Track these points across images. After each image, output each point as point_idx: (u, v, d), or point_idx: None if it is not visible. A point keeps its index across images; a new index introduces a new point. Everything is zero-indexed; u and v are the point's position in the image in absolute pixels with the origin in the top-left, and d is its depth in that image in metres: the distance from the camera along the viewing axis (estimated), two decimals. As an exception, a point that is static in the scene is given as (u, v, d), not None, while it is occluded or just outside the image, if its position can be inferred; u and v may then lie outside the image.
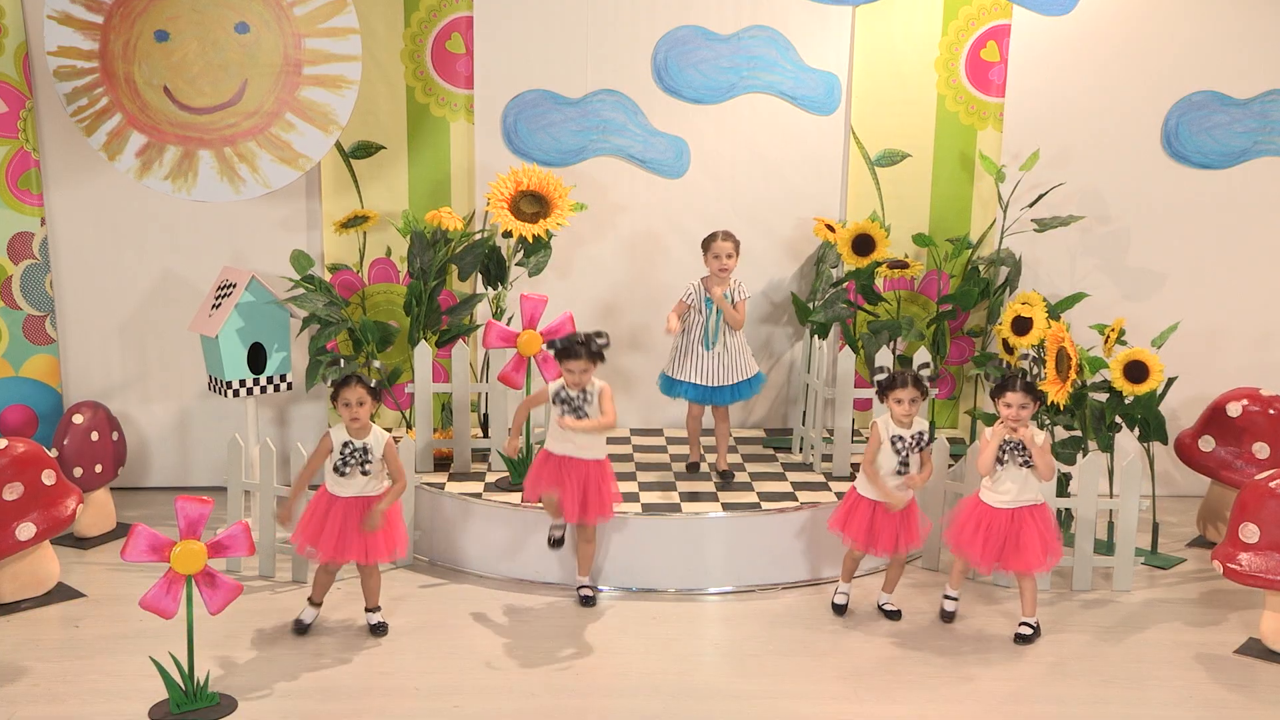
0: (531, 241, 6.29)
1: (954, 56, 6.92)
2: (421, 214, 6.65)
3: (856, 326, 6.88)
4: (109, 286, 6.82)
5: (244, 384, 6.19)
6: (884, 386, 5.37)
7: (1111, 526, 6.07)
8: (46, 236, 6.70)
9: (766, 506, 5.86)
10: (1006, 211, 6.70)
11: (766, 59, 6.81)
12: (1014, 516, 5.20)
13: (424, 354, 6.23)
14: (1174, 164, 6.85)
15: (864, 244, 6.56)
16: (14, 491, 5.40)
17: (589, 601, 5.54)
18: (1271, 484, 5.20)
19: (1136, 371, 5.85)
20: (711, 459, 6.37)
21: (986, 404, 6.90)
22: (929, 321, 6.90)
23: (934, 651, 5.16)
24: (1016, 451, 5.20)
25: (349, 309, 6.77)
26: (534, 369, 6.04)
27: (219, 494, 5.89)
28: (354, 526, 5.10)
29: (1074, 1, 6.69)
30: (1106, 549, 5.99)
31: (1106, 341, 6.04)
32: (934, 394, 5.95)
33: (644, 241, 6.95)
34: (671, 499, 5.94)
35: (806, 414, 6.72)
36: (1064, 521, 6.14)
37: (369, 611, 5.30)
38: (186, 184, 6.22)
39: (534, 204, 6.31)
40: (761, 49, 6.79)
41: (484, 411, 6.60)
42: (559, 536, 5.63)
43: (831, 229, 6.71)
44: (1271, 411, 6.23)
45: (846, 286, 6.73)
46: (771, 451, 6.75)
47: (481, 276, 6.57)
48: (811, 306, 6.81)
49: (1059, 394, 5.76)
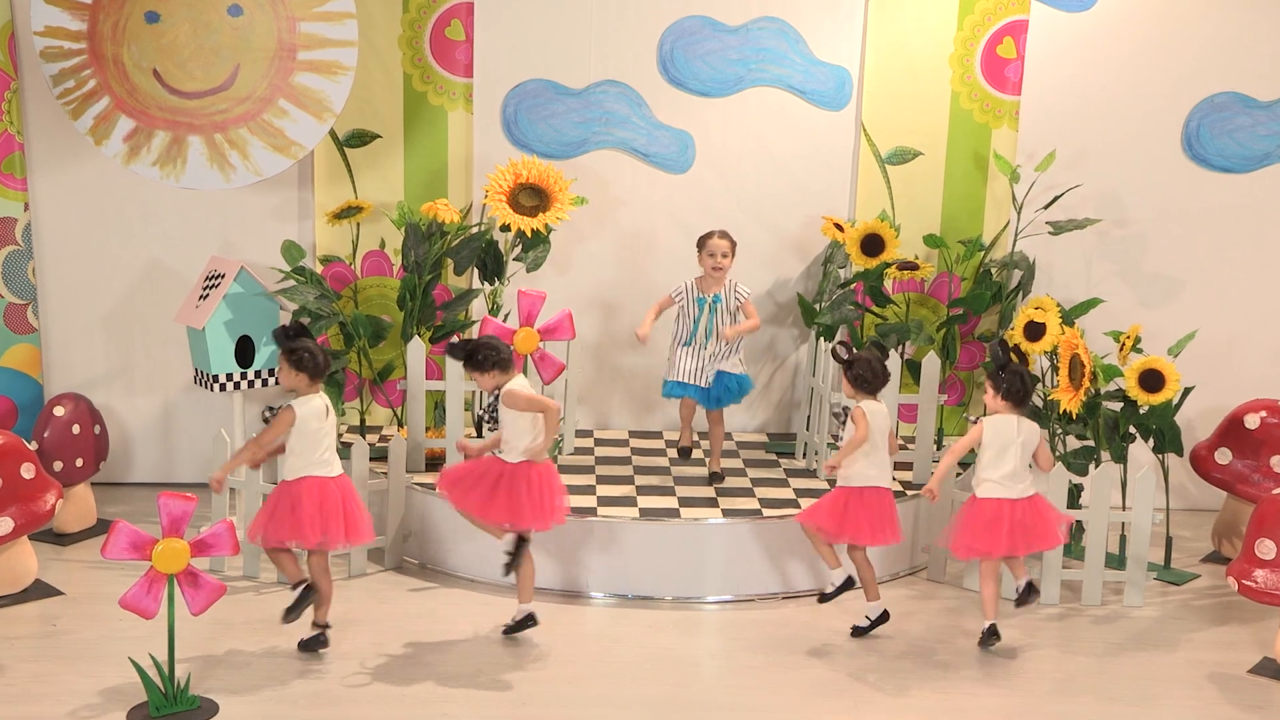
0: (530, 236, 6.29)
1: (969, 52, 6.92)
2: (417, 205, 6.65)
3: (864, 329, 6.88)
4: (94, 275, 6.82)
5: (231, 378, 6.19)
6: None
7: (1123, 540, 6.07)
8: (30, 222, 6.70)
9: (768, 513, 5.86)
10: (1021, 213, 6.70)
11: (776, 51, 6.81)
12: (1029, 505, 5.21)
13: (417, 350, 6.23)
14: (1194, 167, 6.85)
15: (873, 244, 6.56)
16: (-8, 485, 5.41)
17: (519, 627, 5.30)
18: (1289, 499, 5.20)
19: (1152, 380, 5.85)
20: (701, 471, 6.35)
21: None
22: (939, 325, 6.90)
23: (938, 665, 5.16)
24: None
25: (340, 302, 6.77)
26: (530, 367, 6.04)
27: (203, 491, 5.88)
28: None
29: (1094, -3, 6.71)
30: (1118, 563, 5.99)
31: (1121, 349, 6.04)
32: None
33: (646, 238, 6.95)
34: (670, 504, 5.94)
35: (811, 418, 6.72)
36: (1075, 534, 6.14)
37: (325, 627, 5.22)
38: (175, 170, 6.22)
39: (533, 197, 6.31)
40: (770, 41, 6.79)
41: (478, 411, 6.60)
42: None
43: (840, 228, 6.71)
44: (1290, 424, 6.24)
45: (854, 288, 6.73)
46: (774, 456, 6.75)
47: (478, 271, 6.57)
48: (818, 308, 6.81)
49: (1072, 402, 5.76)
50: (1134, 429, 6.04)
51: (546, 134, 6.83)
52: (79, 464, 6.30)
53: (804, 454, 6.72)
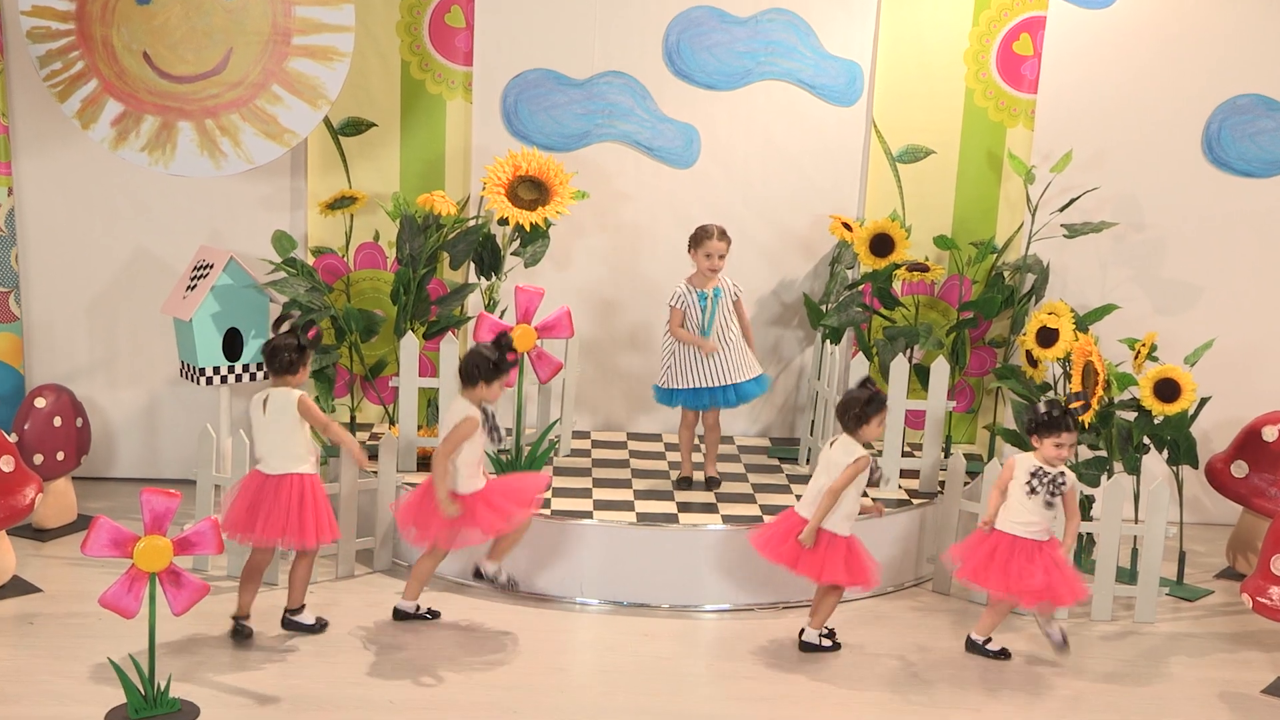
0: (529, 230, 6.29)
1: (985, 49, 6.92)
2: (413, 197, 6.65)
3: (871, 332, 6.88)
4: (78, 263, 6.82)
5: (218, 372, 6.19)
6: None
7: (1135, 554, 6.07)
8: (13, 208, 6.70)
9: (769, 520, 5.86)
10: (1035, 215, 6.70)
11: (785, 44, 6.81)
12: (1033, 547, 5.20)
13: (410, 346, 6.23)
14: (1215, 171, 6.85)
15: (882, 244, 6.57)
16: (-30, 478, 5.41)
17: (482, 577, 5.46)
18: (1307, 514, 5.20)
19: (1167, 390, 5.85)
20: (700, 476, 6.35)
21: (1006, 419, 6.90)
22: (948, 329, 6.90)
23: (940, 680, 5.16)
24: (1050, 485, 5.19)
25: (332, 295, 6.77)
26: (527, 366, 6.04)
27: (188, 487, 5.88)
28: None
29: (1114, -6, 6.71)
30: (1129, 578, 5.99)
31: (1137, 357, 6.04)
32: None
33: (648, 234, 6.95)
34: (668, 509, 5.94)
35: (815, 423, 6.72)
36: (1085, 547, 6.14)
37: (299, 611, 5.35)
38: (164, 156, 6.22)
39: (533, 190, 6.31)
40: (780, 34, 6.80)
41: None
42: (495, 574, 5.48)
43: (848, 227, 6.71)
44: (1310, 437, 6.24)
45: (862, 289, 6.74)
46: (776, 462, 6.75)
47: (474, 266, 6.57)
48: (824, 309, 6.81)
49: (1085, 411, 5.76)
50: (1148, 440, 6.04)
51: (547, 125, 6.83)
52: (60, 457, 6.30)
53: (807, 459, 6.72)
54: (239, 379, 6.24)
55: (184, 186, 6.69)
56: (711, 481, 6.23)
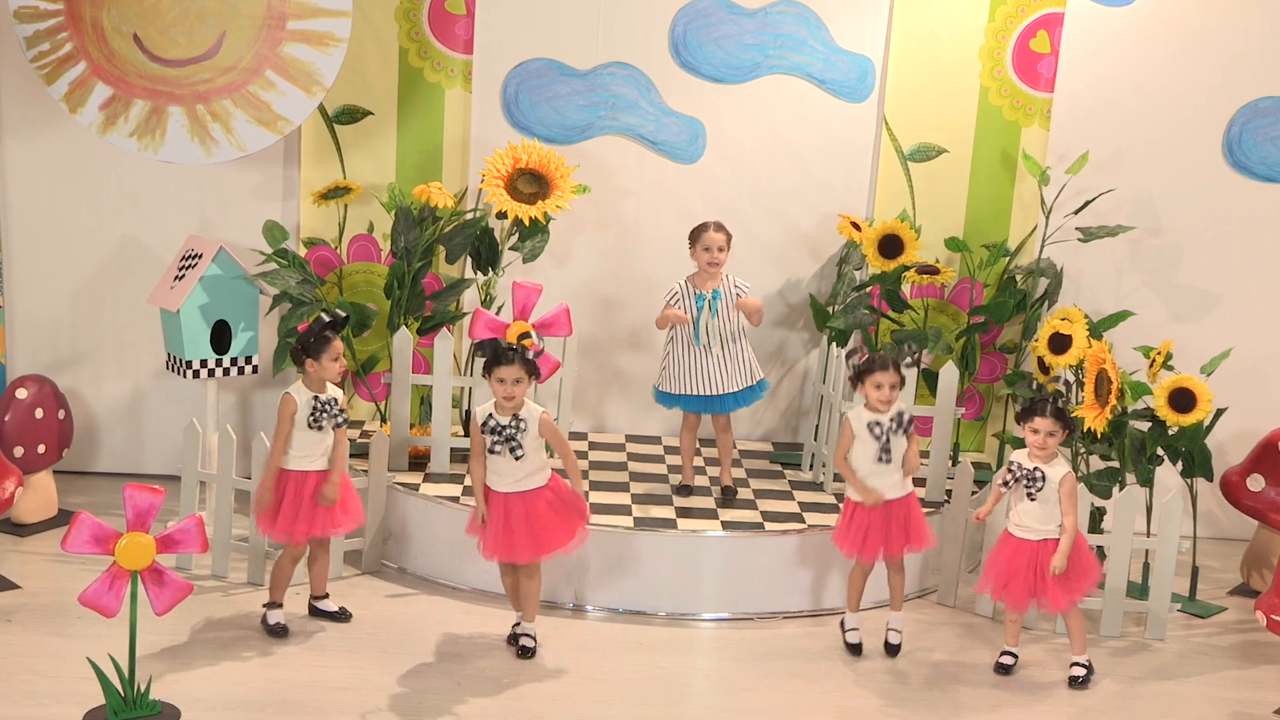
0: (528, 224, 6.29)
1: (1000, 45, 6.92)
2: (409, 188, 6.65)
3: (879, 335, 6.88)
4: (63, 250, 6.82)
5: (205, 364, 6.19)
6: (860, 370, 5.34)
7: (1147, 568, 6.07)
8: (-3, 192, 6.71)
9: (770, 527, 5.86)
10: (1049, 218, 6.70)
11: (795, 38, 6.81)
12: (1039, 549, 5.20)
13: (404, 341, 6.23)
14: (1235, 174, 6.85)
15: (891, 245, 6.56)
16: (-52, 470, 5.41)
17: (528, 653, 5.27)
18: (1324, 530, 5.20)
19: (1182, 400, 5.85)
20: (702, 480, 6.35)
21: (1016, 426, 6.88)
22: (958, 334, 6.90)
23: (942, 693, 5.16)
24: (1026, 480, 5.21)
25: (324, 288, 6.77)
26: (523, 364, 6.03)
27: (172, 484, 5.88)
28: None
29: (1135, -9, 6.71)
30: (1140, 592, 5.99)
31: (1151, 365, 6.04)
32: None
33: (650, 230, 6.95)
34: (667, 514, 5.93)
35: (819, 428, 6.71)
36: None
37: (323, 599, 5.43)
38: (153, 142, 6.21)
39: (532, 184, 6.31)
40: (790, 26, 6.79)
41: (466, 407, 6.60)
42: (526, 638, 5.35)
43: (857, 227, 6.71)
44: (1328, 451, 6.24)
45: (870, 291, 6.73)
46: (779, 467, 6.75)
47: (471, 260, 6.57)
48: (831, 311, 6.81)
49: (1097, 420, 5.76)
50: (1162, 451, 6.03)
51: (549, 117, 6.83)
52: (41, 450, 6.30)
53: (810, 465, 6.71)
54: (226, 372, 6.24)
55: (173, 173, 6.69)
56: (727, 491, 6.17)
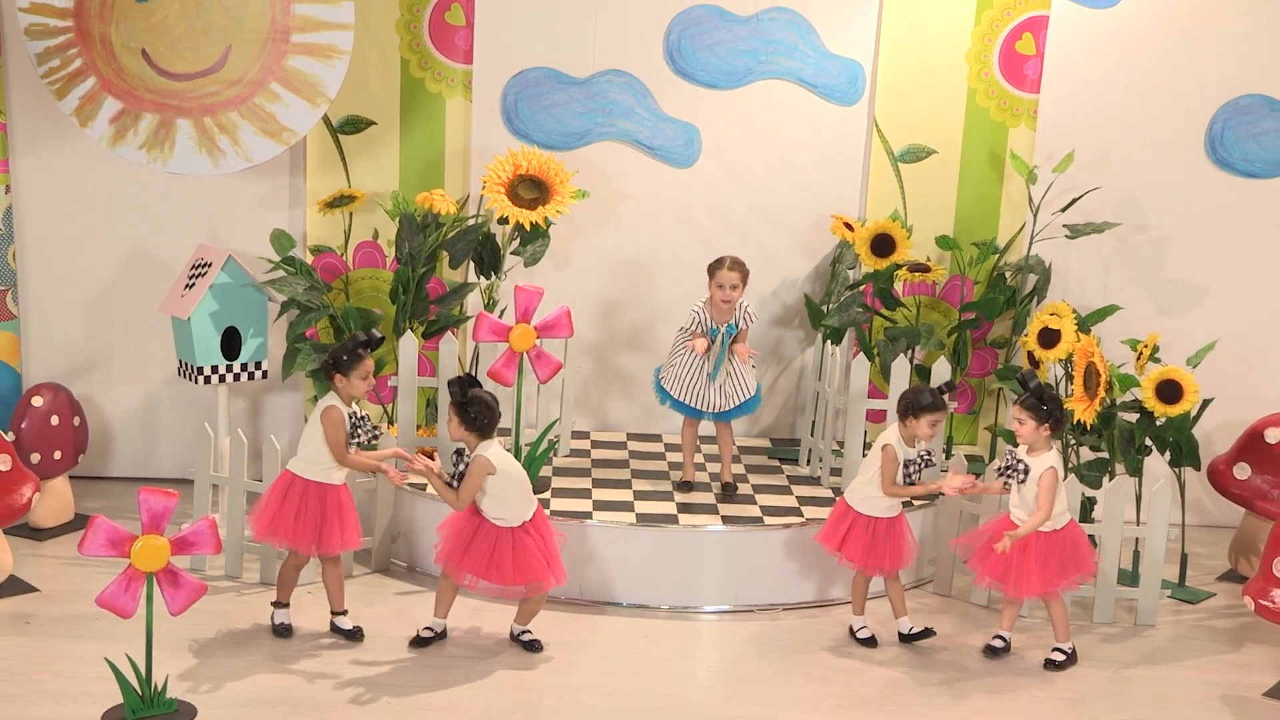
0: (529, 229, 6.29)
1: (987, 48, 6.92)
2: (412, 195, 6.64)
3: (872, 332, 6.88)
4: (76, 261, 6.82)
5: (216, 370, 6.19)
6: (924, 406, 5.31)
7: (1137, 556, 6.07)
8: (11, 205, 6.70)
9: (769, 521, 5.86)
10: (1037, 216, 6.70)
11: (786, 43, 6.81)
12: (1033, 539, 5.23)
13: (409, 345, 6.23)
14: (1218, 171, 6.85)
15: (884, 245, 6.56)
16: (-34, 476, 5.41)
17: (534, 647, 5.29)
18: (1310, 517, 5.20)
19: (1170, 391, 5.85)
20: (703, 476, 6.35)
21: (1007, 419, 6.89)
22: (950, 330, 6.90)
23: (940, 681, 5.16)
24: (1009, 470, 5.24)
25: (331, 294, 6.77)
26: (526, 365, 6.03)
27: (185, 487, 5.88)
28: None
29: (1117, -6, 6.71)
30: (1131, 580, 5.99)
31: (1139, 358, 6.04)
32: (952, 407, 5.96)
33: (649, 233, 6.95)
34: (668, 510, 5.93)
35: (816, 424, 6.71)
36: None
37: (341, 615, 5.36)
38: (162, 154, 6.21)
39: (533, 189, 6.31)
40: (781, 32, 6.79)
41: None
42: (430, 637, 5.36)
43: (850, 227, 6.71)
44: (1313, 439, 6.24)
45: (863, 289, 6.73)
46: (777, 463, 6.75)
47: (474, 265, 6.57)
48: (825, 309, 6.81)
49: (1086, 412, 5.76)
50: (1150, 441, 6.04)
51: (547, 124, 6.83)
52: (57, 456, 6.30)
53: (808, 460, 6.72)
54: (237, 378, 6.24)
55: (182, 185, 6.69)
56: (727, 488, 6.18)
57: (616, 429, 7.19)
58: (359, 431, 5.25)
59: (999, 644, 5.39)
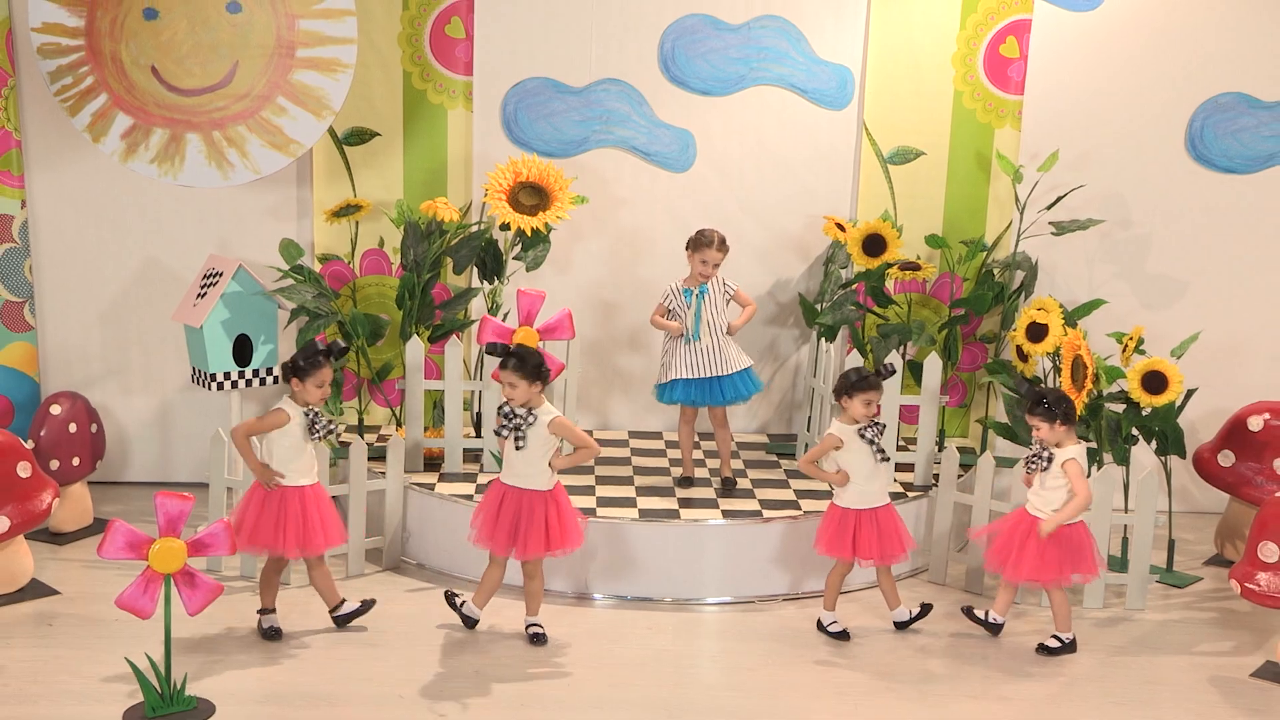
0: (530, 235, 6.30)
1: (972, 51, 6.93)
2: (416, 204, 6.66)
3: (865, 330, 6.89)
4: (90, 273, 6.83)
5: (229, 377, 6.20)
6: (853, 385, 5.31)
7: (1125, 542, 6.08)
8: (27, 219, 6.72)
9: (768, 514, 5.88)
10: (1023, 214, 6.71)
11: (777, 50, 6.82)
12: (1033, 523, 5.24)
13: (416, 349, 6.25)
14: (1198, 168, 6.86)
15: (875, 244, 6.58)
16: (-12, 484, 5.42)
17: (540, 640, 5.30)
18: (1292, 502, 5.21)
19: (1155, 382, 5.86)
20: (703, 472, 6.36)
21: (999, 413, 6.91)
22: (940, 326, 6.91)
23: (938, 668, 5.17)
24: (1033, 458, 5.24)
25: (339, 301, 6.78)
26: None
27: (200, 490, 5.89)
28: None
29: (1098, -3, 6.72)
30: (1120, 566, 6.01)
31: (1124, 351, 6.05)
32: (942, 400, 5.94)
33: (646, 237, 6.96)
34: (669, 505, 5.95)
35: (812, 419, 6.73)
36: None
37: (340, 605, 5.38)
38: (173, 168, 6.23)
39: (533, 196, 6.32)
40: (772, 40, 6.81)
41: (477, 410, 6.61)
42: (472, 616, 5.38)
43: (841, 228, 6.72)
44: (1294, 426, 6.25)
45: (856, 288, 6.75)
46: (775, 458, 6.76)
47: (477, 270, 6.59)
48: (819, 308, 6.82)
49: (1074, 404, 5.76)
50: (1136, 431, 6.05)
51: (546, 132, 6.84)
52: (75, 463, 6.31)
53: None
54: (249, 384, 6.25)
55: (193, 197, 6.70)
56: (727, 483, 6.19)
57: (617, 427, 7.20)
58: (315, 427, 5.18)
59: (986, 618, 5.41)
